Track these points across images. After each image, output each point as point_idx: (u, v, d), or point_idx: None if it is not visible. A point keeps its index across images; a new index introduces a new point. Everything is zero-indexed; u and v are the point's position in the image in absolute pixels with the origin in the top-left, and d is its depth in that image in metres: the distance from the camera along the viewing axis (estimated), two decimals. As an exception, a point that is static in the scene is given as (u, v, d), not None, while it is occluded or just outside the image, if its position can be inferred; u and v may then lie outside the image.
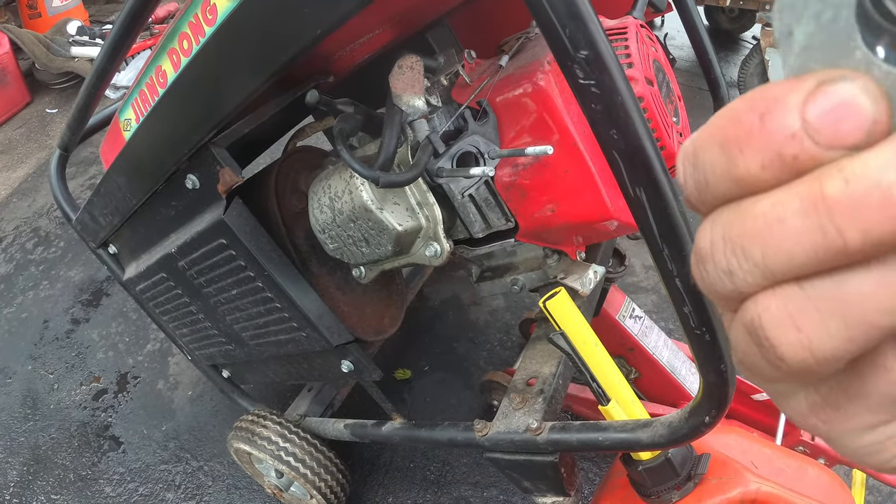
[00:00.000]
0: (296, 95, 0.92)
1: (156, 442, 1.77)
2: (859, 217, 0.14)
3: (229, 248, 0.96)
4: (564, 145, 0.81)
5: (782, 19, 0.16)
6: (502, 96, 0.85)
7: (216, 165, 0.88)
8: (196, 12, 0.74)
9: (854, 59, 0.16)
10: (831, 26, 0.16)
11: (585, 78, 0.44)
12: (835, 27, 0.16)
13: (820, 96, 0.15)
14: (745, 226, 0.16)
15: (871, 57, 0.15)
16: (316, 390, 1.49)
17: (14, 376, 2.03)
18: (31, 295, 2.33)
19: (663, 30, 3.59)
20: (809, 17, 0.16)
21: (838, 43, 0.16)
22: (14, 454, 1.80)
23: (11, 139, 3.36)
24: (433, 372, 1.86)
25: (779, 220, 0.16)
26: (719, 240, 0.17)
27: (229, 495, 1.61)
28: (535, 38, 0.96)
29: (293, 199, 1.07)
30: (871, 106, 0.15)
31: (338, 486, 1.35)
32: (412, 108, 0.85)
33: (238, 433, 1.35)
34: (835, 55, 0.16)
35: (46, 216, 2.73)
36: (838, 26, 0.16)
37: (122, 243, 1.28)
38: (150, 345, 2.07)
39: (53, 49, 3.40)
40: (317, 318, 1.01)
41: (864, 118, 0.15)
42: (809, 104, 0.15)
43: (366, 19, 0.83)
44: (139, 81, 0.90)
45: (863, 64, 0.16)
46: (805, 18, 0.16)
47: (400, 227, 0.88)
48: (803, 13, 0.16)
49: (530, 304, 1.96)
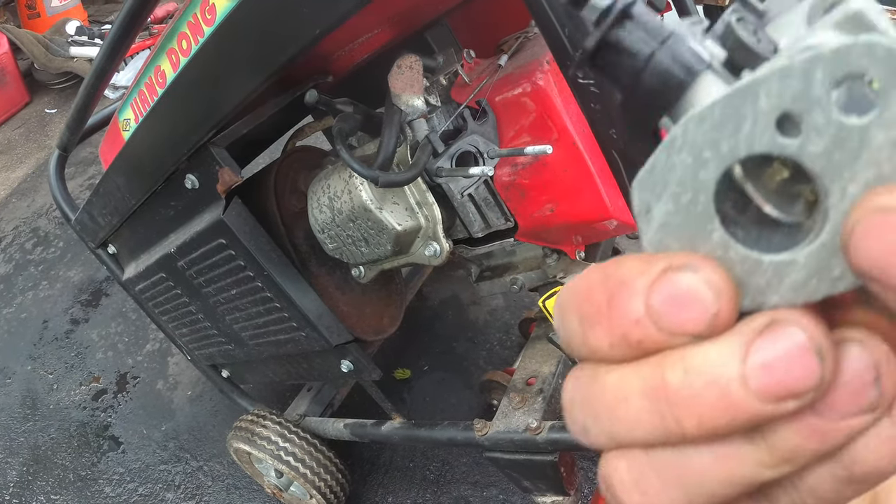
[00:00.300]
0: (295, 95, 0.92)
1: (155, 442, 1.77)
2: (696, 408, 0.15)
3: (228, 247, 0.96)
4: (563, 145, 0.81)
5: (641, 197, 0.17)
6: (501, 96, 0.85)
7: (215, 165, 0.88)
8: (195, 12, 0.74)
9: (711, 242, 0.16)
10: (690, 208, 0.16)
11: (584, 77, 0.44)
12: (693, 209, 0.16)
13: (665, 284, 0.16)
14: (596, 394, 0.17)
15: (728, 240, 0.16)
16: (315, 390, 1.49)
17: (13, 376, 2.03)
18: (30, 295, 2.33)
19: (662, 29, 3.59)
20: (668, 197, 0.16)
21: (696, 224, 0.16)
22: (14, 454, 1.79)
23: (10, 139, 3.36)
24: (433, 371, 1.86)
25: (623, 398, 0.16)
26: (577, 398, 0.18)
27: (229, 495, 1.61)
28: (534, 38, 0.96)
29: (292, 198, 1.07)
30: (712, 300, 0.15)
31: (337, 485, 1.35)
32: (411, 108, 0.85)
33: (238, 433, 1.35)
34: (692, 235, 0.16)
35: (46, 216, 2.72)
36: (696, 209, 0.16)
37: (121, 243, 1.28)
38: (149, 345, 2.07)
39: (52, 49, 3.40)
40: (316, 318, 1.01)
41: (705, 311, 0.15)
42: (654, 290, 0.16)
43: (365, 19, 0.83)
44: (138, 81, 0.90)
45: (720, 247, 0.16)
46: (664, 198, 0.16)
47: (399, 226, 0.88)
48: (662, 193, 0.16)
49: (530, 304, 1.96)
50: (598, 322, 0.16)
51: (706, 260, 0.16)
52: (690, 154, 0.16)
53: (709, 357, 0.15)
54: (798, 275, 0.16)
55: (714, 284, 0.15)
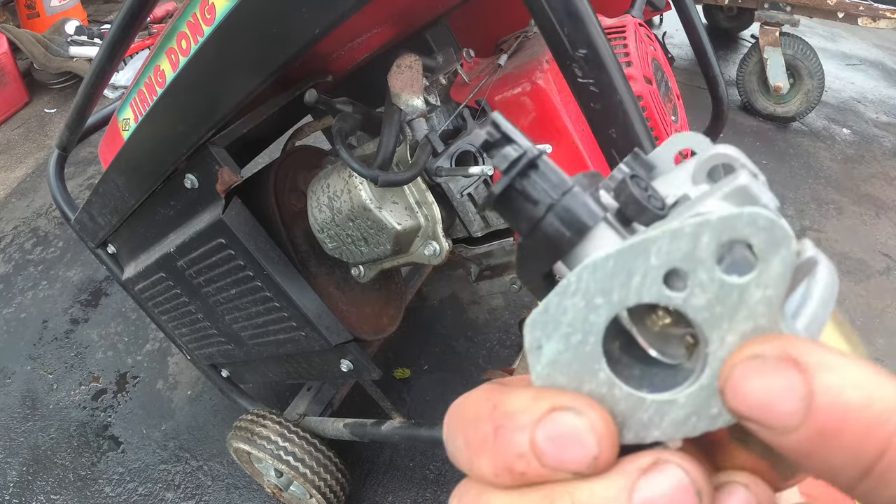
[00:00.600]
0: (294, 95, 0.92)
1: (155, 442, 1.77)
2: None
3: (228, 247, 0.96)
4: (563, 144, 0.81)
5: (533, 335, 0.18)
6: (501, 95, 0.85)
7: (215, 165, 0.88)
8: (195, 12, 0.74)
9: (597, 380, 0.17)
10: (579, 348, 0.17)
11: (584, 77, 0.44)
12: (582, 349, 0.17)
13: (549, 422, 0.16)
14: None
15: (613, 379, 0.17)
16: (315, 390, 1.49)
17: (13, 376, 2.03)
18: (29, 295, 2.33)
19: (662, 28, 3.59)
20: (559, 337, 0.17)
21: (584, 363, 0.17)
22: (13, 454, 1.79)
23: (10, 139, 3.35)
24: (432, 371, 1.86)
25: None
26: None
27: (229, 495, 1.61)
28: (534, 37, 0.96)
29: (292, 198, 1.07)
30: (593, 443, 0.16)
31: (337, 485, 1.35)
32: (411, 108, 0.85)
33: (237, 433, 1.35)
34: (580, 373, 0.17)
35: (45, 216, 2.72)
36: (585, 349, 0.17)
37: (120, 243, 1.28)
38: (149, 344, 2.07)
39: (52, 49, 3.39)
40: (316, 318, 1.01)
41: (587, 453, 0.16)
42: (539, 427, 0.16)
43: (364, 18, 0.83)
44: (138, 81, 0.90)
45: (605, 385, 0.17)
46: (555, 338, 0.17)
47: (399, 226, 0.88)
48: (553, 333, 0.17)
49: (529, 303, 1.96)
50: (484, 451, 0.17)
51: (590, 403, 0.17)
52: (583, 299, 0.17)
53: (596, 492, 0.16)
54: (678, 413, 0.17)
55: (596, 429, 0.16)
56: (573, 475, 0.16)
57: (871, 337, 1.91)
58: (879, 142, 2.84)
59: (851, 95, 3.23)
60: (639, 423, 0.17)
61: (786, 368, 0.15)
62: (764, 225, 0.16)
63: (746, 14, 3.37)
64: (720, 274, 0.16)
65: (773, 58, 2.64)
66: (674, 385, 0.17)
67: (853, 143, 2.82)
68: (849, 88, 3.30)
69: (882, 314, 1.99)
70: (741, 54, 3.04)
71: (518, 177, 0.18)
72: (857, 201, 2.46)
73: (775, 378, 0.15)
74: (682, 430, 0.17)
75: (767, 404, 0.15)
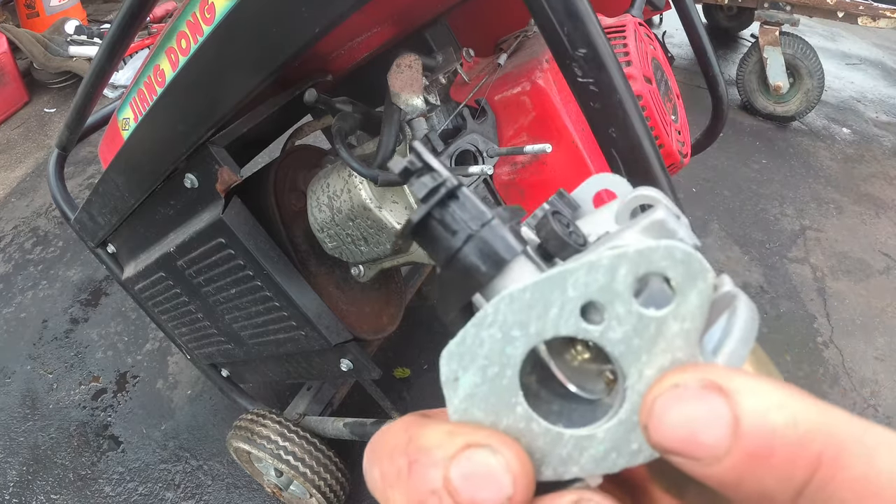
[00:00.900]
0: (294, 94, 0.92)
1: (155, 441, 1.77)
2: None
3: (228, 247, 0.96)
4: (563, 144, 0.81)
5: (449, 367, 0.17)
6: (501, 95, 0.85)
7: (215, 164, 0.88)
8: (194, 11, 0.74)
9: (515, 414, 0.17)
10: (496, 381, 0.17)
11: (584, 76, 0.44)
12: (499, 382, 0.17)
13: (464, 460, 0.16)
14: None
15: (531, 414, 0.17)
16: (315, 389, 1.49)
17: (13, 376, 2.03)
18: (29, 295, 2.33)
19: (662, 28, 3.58)
20: (476, 369, 0.17)
21: (501, 397, 0.17)
22: (13, 454, 1.79)
23: (10, 139, 3.35)
24: (432, 370, 1.86)
25: None
26: None
27: (229, 494, 1.61)
28: (534, 37, 0.96)
29: (292, 197, 1.07)
30: (508, 483, 0.16)
31: (337, 484, 1.35)
32: (410, 107, 0.85)
33: (237, 432, 1.35)
34: (497, 407, 0.17)
35: (45, 216, 2.72)
36: (502, 382, 0.17)
37: (120, 243, 1.28)
38: (149, 344, 2.07)
39: (51, 48, 3.39)
40: (315, 317, 1.01)
41: (500, 492, 0.16)
42: (453, 464, 0.16)
43: (363, 18, 0.83)
44: (137, 80, 0.90)
45: (523, 419, 0.17)
46: (472, 370, 0.17)
47: (399, 225, 0.88)
48: (470, 365, 0.17)
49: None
50: (398, 485, 0.17)
51: (505, 441, 0.17)
52: (500, 331, 0.17)
53: None
54: (598, 448, 0.17)
55: (511, 468, 0.16)
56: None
57: (871, 336, 1.92)
58: (879, 141, 2.84)
59: (851, 95, 3.23)
60: (557, 459, 0.17)
61: (708, 394, 0.15)
62: (681, 258, 0.16)
63: (746, 13, 3.37)
64: (637, 307, 0.16)
65: (773, 57, 2.64)
66: (593, 420, 0.17)
67: (853, 142, 2.82)
68: (848, 88, 3.30)
69: (882, 314, 1.99)
70: (741, 54, 3.05)
71: (437, 206, 0.18)
72: (857, 201, 2.46)
73: (698, 405, 0.15)
74: (602, 465, 0.17)
75: (692, 433, 0.15)
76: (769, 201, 2.44)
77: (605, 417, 0.17)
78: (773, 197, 2.46)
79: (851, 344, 1.89)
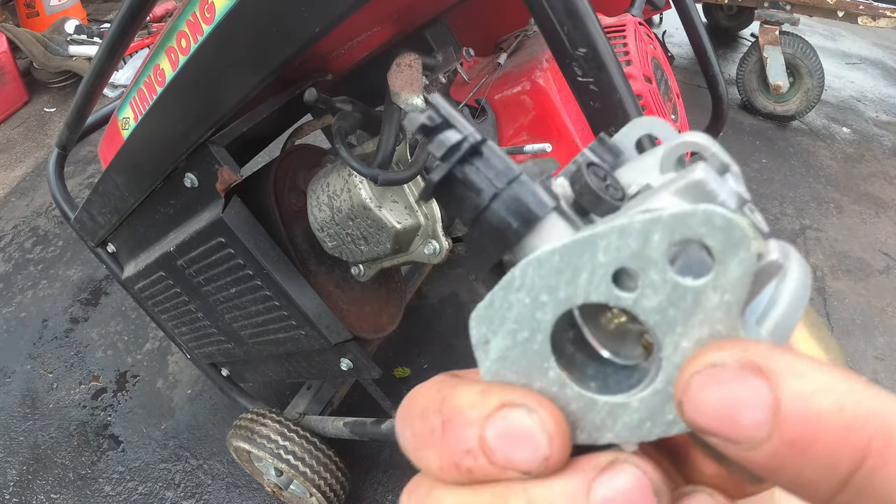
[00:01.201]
0: (294, 94, 0.92)
1: (155, 441, 1.77)
2: None
3: (228, 246, 0.96)
4: (563, 143, 0.81)
5: (479, 330, 0.17)
6: (500, 94, 0.85)
7: (215, 164, 0.88)
8: (194, 11, 0.74)
9: (547, 378, 0.16)
10: (526, 345, 0.16)
11: (584, 76, 0.44)
12: (529, 347, 0.16)
13: (499, 419, 0.16)
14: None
15: (563, 378, 0.16)
16: (315, 388, 1.49)
17: (13, 375, 2.03)
18: (29, 294, 2.33)
19: (661, 27, 3.58)
20: (506, 332, 0.17)
21: (533, 361, 0.16)
22: (13, 453, 1.79)
23: (9, 138, 3.35)
24: (432, 370, 1.86)
25: None
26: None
27: (229, 494, 1.61)
28: (534, 37, 0.96)
29: (292, 197, 1.07)
30: (545, 443, 0.16)
31: (337, 484, 1.35)
32: (411, 106, 0.85)
33: (237, 431, 1.36)
34: (529, 371, 0.17)
35: (45, 215, 2.72)
36: (533, 347, 0.16)
37: (120, 242, 1.28)
38: (149, 343, 2.07)
39: (51, 48, 3.39)
40: (315, 317, 1.01)
41: (537, 453, 0.16)
42: (488, 424, 0.16)
43: (363, 17, 0.83)
44: (137, 80, 0.90)
45: (556, 384, 0.16)
46: (501, 333, 0.17)
47: (399, 224, 0.88)
48: (500, 328, 0.17)
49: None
50: (431, 444, 0.17)
51: (542, 401, 0.16)
52: (528, 296, 0.16)
53: (553, 491, 0.16)
54: (632, 417, 0.16)
55: (548, 428, 0.16)
56: (522, 475, 0.16)
57: (871, 336, 1.92)
58: (879, 140, 2.84)
59: (851, 94, 3.23)
60: (591, 425, 0.16)
61: (748, 376, 0.14)
62: (720, 224, 0.14)
63: (746, 13, 3.37)
64: (673, 275, 0.15)
65: (773, 56, 2.64)
66: (628, 387, 0.16)
67: (853, 141, 2.82)
68: (848, 87, 3.30)
69: (882, 313, 1.99)
70: (741, 53, 3.04)
71: (459, 164, 0.17)
72: (857, 200, 2.46)
73: (737, 387, 0.14)
74: (637, 434, 0.16)
75: (730, 417, 0.14)
76: (769, 201, 2.44)
77: (641, 385, 0.16)
78: (773, 196, 2.46)
79: (851, 343, 1.89)
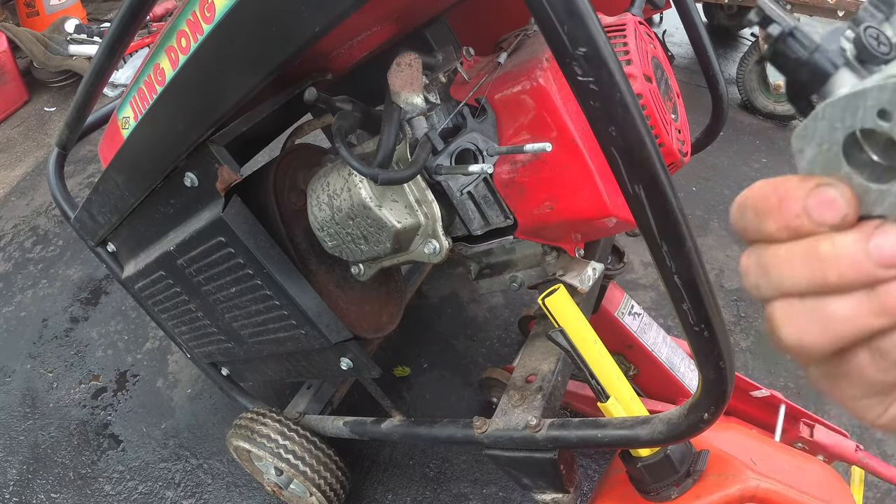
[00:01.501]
0: (294, 93, 0.92)
1: (155, 440, 1.77)
2: (837, 267, 0.24)
3: (228, 245, 0.96)
4: (563, 142, 0.81)
5: (797, 144, 0.26)
6: (501, 93, 0.85)
7: (215, 163, 0.88)
8: (194, 10, 0.74)
9: (842, 172, 0.25)
10: (828, 153, 0.25)
11: (584, 75, 0.44)
12: (830, 154, 0.25)
13: (817, 192, 0.25)
14: (768, 260, 0.26)
15: (851, 172, 0.25)
16: (315, 388, 1.49)
17: (13, 375, 2.03)
18: (29, 294, 2.33)
19: (662, 27, 3.58)
20: (814, 145, 0.26)
21: (832, 163, 0.25)
22: (13, 453, 1.80)
23: (10, 138, 3.35)
24: (432, 369, 1.86)
25: (789, 261, 0.25)
26: (753, 265, 0.27)
27: (229, 493, 1.61)
28: (534, 36, 0.96)
29: (292, 196, 1.07)
30: (844, 205, 0.24)
31: (337, 483, 1.35)
32: (411, 106, 0.85)
33: (237, 431, 1.36)
34: (830, 168, 0.25)
35: (45, 215, 2.72)
36: (832, 154, 0.25)
37: (120, 241, 1.28)
38: (149, 343, 2.07)
39: (51, 47, 3.39)
40: (315, 316, 1.01)
41: (840, 211, 0.24)
42: (810, 195, 0.25)
43: (364, 17, 0.83)
44: (137, 79, 0.90)
45: (846, 177, 0.25)
46: (811, 146, 0.26)
47: (399, 224, 0.88)
48: (810, 142, 0.26)
49: (529, 302, 1.96)
50: (771, 215, 0.25)
51: (842, 181, 0.25)
52: (827, 124, 0.25)
53: (847, 238, 0.24)
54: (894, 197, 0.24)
55: (846, 196, 0.24)
56: (829, 228, 0.24)
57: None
58: (879, 140, 2.84)
59: (851, 94, 3.22)
60: (868, 203, 0.24)
61: None
62: None
63: (746, 12, 3.36)
64: None
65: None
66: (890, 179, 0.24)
67: (853, 141, 2.82)
68: (849, 87, 3.30)
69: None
70: (741, 52, 3.04)
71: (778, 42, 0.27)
72: (857, 200, 2.46)
73: None
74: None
75: None
76: (769, 200, 2.44)
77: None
78: (773, 196, 2.46)
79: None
